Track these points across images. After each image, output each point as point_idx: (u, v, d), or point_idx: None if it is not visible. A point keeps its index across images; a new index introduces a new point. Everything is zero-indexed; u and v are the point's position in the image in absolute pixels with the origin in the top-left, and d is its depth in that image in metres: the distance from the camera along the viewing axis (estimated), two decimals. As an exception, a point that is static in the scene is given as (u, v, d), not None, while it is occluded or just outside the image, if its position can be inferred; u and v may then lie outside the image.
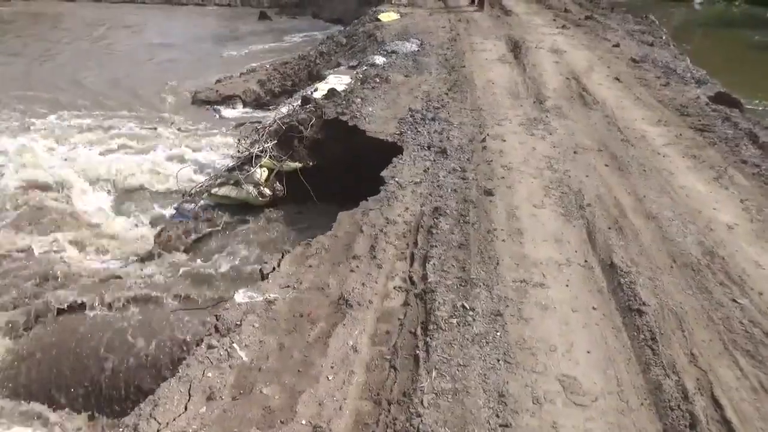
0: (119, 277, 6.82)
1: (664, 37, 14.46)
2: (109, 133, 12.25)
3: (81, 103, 14.32)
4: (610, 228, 5.37)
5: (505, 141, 7.34)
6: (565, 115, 8.35)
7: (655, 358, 3.79)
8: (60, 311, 6.21)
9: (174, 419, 3.26)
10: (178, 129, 12.59)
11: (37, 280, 7.04)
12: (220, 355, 3.75)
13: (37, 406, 5.34)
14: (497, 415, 3.34)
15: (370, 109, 8.20)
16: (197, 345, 3.92)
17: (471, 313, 4.16)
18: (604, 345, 3.93)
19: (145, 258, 7.23)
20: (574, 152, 7.05)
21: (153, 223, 8.59)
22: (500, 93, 9.24)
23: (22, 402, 5.42)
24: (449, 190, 5.99)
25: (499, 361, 3.75)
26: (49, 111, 13.56)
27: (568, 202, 5.84)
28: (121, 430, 3.25)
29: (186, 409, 3.34)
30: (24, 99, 14.32)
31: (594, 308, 4.31)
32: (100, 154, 11.09)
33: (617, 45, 12.44)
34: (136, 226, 8.73)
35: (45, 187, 9.67)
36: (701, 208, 5.78)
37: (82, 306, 6.20)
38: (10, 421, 5.30)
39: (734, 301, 4.39)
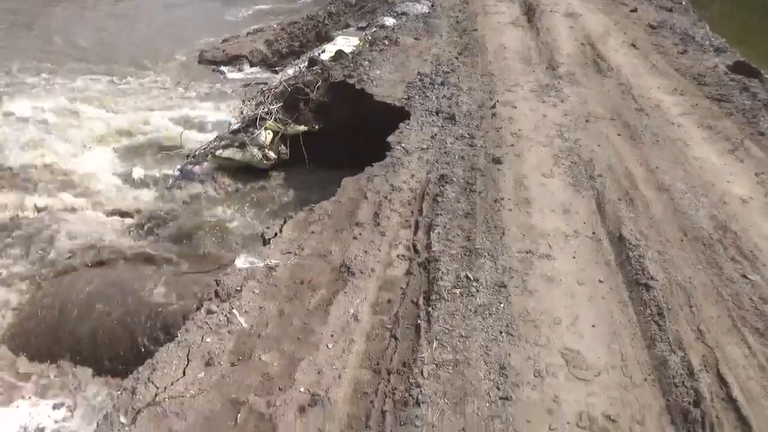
0: (121, 237, 6.79)
1: (683, 3, 13.97)
2: (113, 92, 12.09)
3: (85, 63, 14.09)
4: (620, 199, 5.25)
5: (515, 108, 7.15)
6: (578, 82, 8.11)
7: (661, 333, 3.72)
8: (60, 272, 6.20)
9: (172, 384, 3.24)
10: (184, 89, 12.41)
11: (41, 240, 7.03)
12: (220, 320, 3.71)
13: (44, 364, 5.38)
14: (498, 388, 3.30)
15: (378, 72, 8.00)
16: (196, 310, 3.88)
17: (475, 283, 4.09)
18: (609, 319, 3.86)
19: (148, 219, 7.17)
20: (586, 120, 6.86)
21: (157, 183, 8.50)
22: (512, 58, 8.97)
23: (30, 357, 5.45)
24: (456, 157, 5.86)
25: (501, 333, 3.69)
26: (51, 71, 13.34)
27: (578, 172, 5.70)
28: (119, 392, 3.23)
29: (184, 373, 3.32)
30: (31, 59, 14.06)
31: (600, 281, 4.22)
32: (106, 112, 10.95)
33: (635, 10, 12.04)
34: (141, 185, 8.65)
35: (49, 146, 9.56)
36: (715, 181, 5.62)
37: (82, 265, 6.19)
38: (20, 377, 5.35)
39: (745, 277, 4.29)
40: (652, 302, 3.97)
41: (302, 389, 3.26)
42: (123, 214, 7.87)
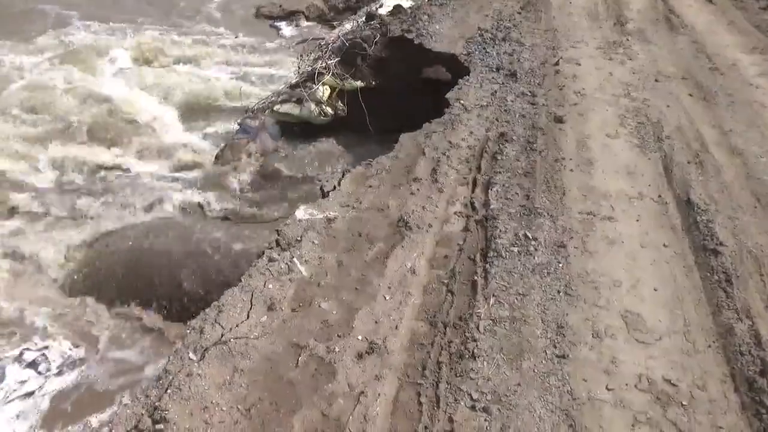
0: (186, 190, 7.02)
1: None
2: (172, 48, 12.28)
3: (145, 16, 14.31)
4: (689, 162, 5.03)
5: (579, 65, 6.88)
6: (648, 39, 7.71)
7: (728, 300, 3.60)
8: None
9: (237, 325, 3.38)
10: (242, 44, 12.50)
11: (112, 193, 7.37)
12: (281, 268, 3.81)
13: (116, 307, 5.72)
14: (555, 346, 3.29)
15: (437, 27, 7.81)
16: (259, 257, 4.00)
17: (533, 242, 4.05)
18: (672, 283, 3.76)
19: (209, 172, 7.37)
20: (656, 80, 6.55)
21: (217, 138, 8.70)
22: (577, 13, 8.59)
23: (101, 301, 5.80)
24: (517, 116, 5.72)
25: (559, 292, 3.66)
26: (108, 23, 13.59)
27: (645, 133, 5.48)
28: (188, 331, 3.39)
29: (248, 316, 3.45)
30: (87, 13, 14.37)
31: (665, 245, 4.10)
32: (165, 68, 11.18)
33: (714, -38, 11.22)
34: (202, 139, 8.87)
35: (110, 101, 9.86)
36: (794, 146, 5.30)
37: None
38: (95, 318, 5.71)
39: (822, 246, 4.07)
40: (720, 269, 3.83)
41: (360, 337, 3.34)
42: (187, 168, 8.12)
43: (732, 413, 2.97)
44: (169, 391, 2.96)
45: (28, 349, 5.34)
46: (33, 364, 5.21)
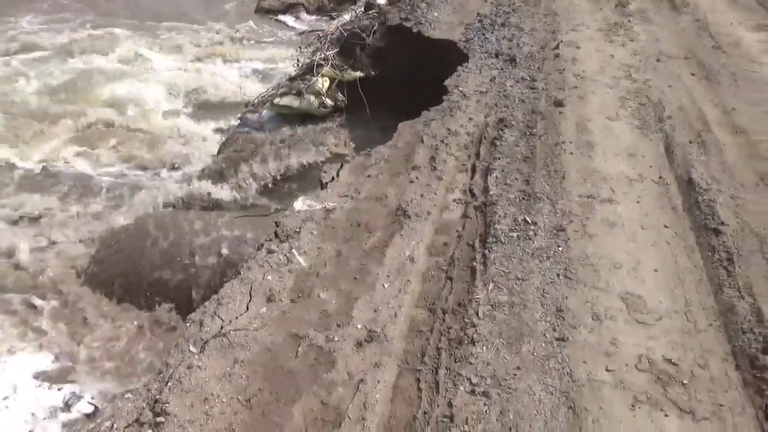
0: (185, 185, 7.06)
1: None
2: (173, 43, 12.31)
3: (144, 13, 14.34)
4: (691, 142, 4.98)
5: (579, 48, 6.82)
6: (650, 19, 7.63)
7: (729, 279, 3.57)
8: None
9: (236, 317, 3.40)
10: (241, 38, 12.50)
11: (115, 188, 7.44)
12: (280, 259, 3.82)
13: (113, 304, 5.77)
14: (554, 329, 3.28)
15: (436, 14, 7.76)
16: (258, 249, 4.01)
17: (533, 227, 4.03)
18: (673, 264, 3.73)
19: (210, 167, 7.40)
20: (657, 60, 6.48)
21: (218, 132, 8.72)
22: (578, -5, 8.50)
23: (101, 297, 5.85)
24: (516, 101, 5.68)
25: (559, 276, 3.64)
26: (108, 22, 13.64)
27: (646, 114, 5.43)
28: (188, 324, 3.42)
29: (248, 308, 3.46)
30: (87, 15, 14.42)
31: (666, 226, 4.06)
32: (166, 64, 11.21)
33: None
34: (204, 134, 8.90)
35: (115, 98, 9.92)
36: (798, 123, 5.23)
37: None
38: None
39: (826, 223, 4.02)
40: (722, 248, 3.80)
41: (359, 326, 3.35)
42: (187, 163, 8.16)
43: (733, 390, 2.95)
44: (169, 384, 2.98)
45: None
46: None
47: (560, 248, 3.85)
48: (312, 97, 7.50)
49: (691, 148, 4.89)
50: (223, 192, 6.76)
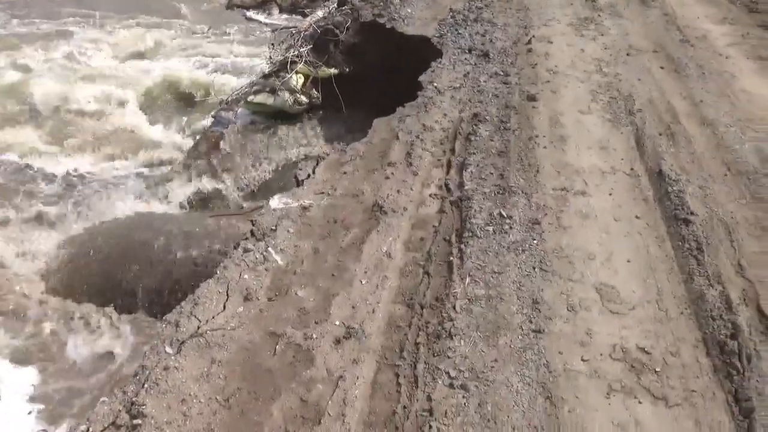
0: (159, 186, 6.96)
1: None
2: (144, 39, 12.10)
3: (114, 11, 14.05)
4: (660, 134, 5.07)
5: (551, 43, 6.89)
6: (620, 13, 7.75)
7: (699, 268, 3.65)
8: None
9: (213, 317, 3.37)
10: (213, 35, 12.35)
11: (86, 191, 7.28)
12: (256, 258, 3.80)
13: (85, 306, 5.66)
14: (530, 321, 3.32)
15: (409, 10, 7.76)
16: (234, 248, 3.98)
17: (508, 221, 4.07)
18: (645, 254, 3.81)
19: (182, 165, 7.30)
20: (627, 54, 6.58)
21: (191, 131, 8.61)
22: (549, -10, 8.58)
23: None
24: (490, 96, 5.72)
25: (534, 268, 3.69)
26: (76, 17, 13.33)
27: (617, 108, 5.51)
28: (163, 326, 3.38)
29: (224, 308, 3.44)
30: (60, 9, 14.09)
31: (637, 217, 4.14)
32: (137, 62, 11.02)
33: (683, -66, 11.25)
34: (177, 133, 8.78)
35: (81, 97, 9.70)
36: (764, 114, 5.36)
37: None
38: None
39: (791, 211, 4.14)
40: (691, 237, 3.89)
41: (337, 323, 3.35)
42: (161, 163, 8.04)
43: (704, 376, 3.02)
44: (146, 385, 2.95)
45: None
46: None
47: (535, 241, 3.90)
48: (286, 95, 7.45)
49: (661, 140, 4.99)
50: (195, 191, 6.68)
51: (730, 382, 2.98)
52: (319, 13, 9.37)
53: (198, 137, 8.00)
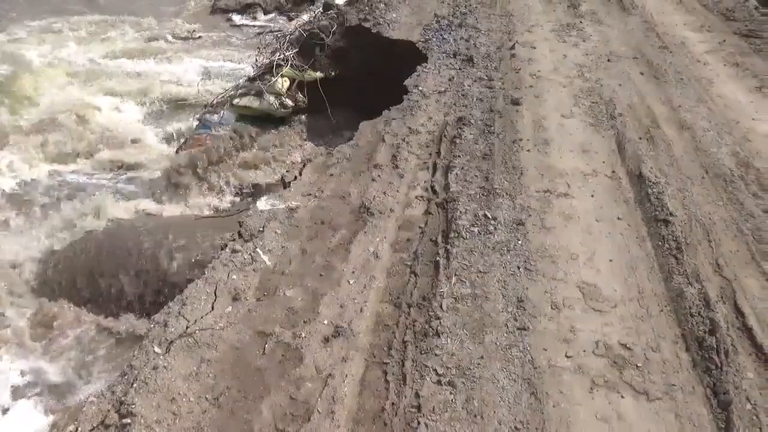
0: (144, 189, 6.93)
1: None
2: (128, 43, 12.04)
3: (99, 14, 13.98)
4: (641, 138, 5.19)
5: (534, 48, 7.01)
6: (601, 20, 7.91)
7: (678, 267, 3.75)
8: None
9: (201, 317, 3.38)
10: (198, 38, 12.33)
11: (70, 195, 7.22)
12: (244, 259, 3.82)
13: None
14: (515, 319, 3.39)
15: (395, 15, 7.85)
16: (222, 249, 4.00)
17: (493, 222, 4.14)
18: (627, 254, 3.90)
19: (170, 170, 7.28)
20: (608, 60, 6.72)
21: (177, 134, 8.58)
22: (532, -3, 8.73)
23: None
24: (474, 100, 5.81)
25: (519, 268, 3.76)
26: (57, 19, 13.21)
27: (599, 112, 5.63)
28: (152, 326, 3.38)
29: (213, 308, 3.45)
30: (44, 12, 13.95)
31: (619, 218, 4.24)
32: (123, 63, 10.96)
33: (662, -56, 11.50)
34: (164, 139, 8.74)
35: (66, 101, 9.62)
36: (739, 118, 5.52)
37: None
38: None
39: (766, 212, 4.26)
40: (671, 237, 3.99)
41: (326, 322, 3.38)
42: (146, 167, 8.00)
43: (684, 371, 3.11)
44: (134, 385, 2.95)
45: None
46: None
47: (520, 241, 3.97)
48: (272, 98, 7.47)
49: (641, 144, 5.11)
50: (181, 194, 6.66)
51: (708, 377, 3.07)
52: (305, 17, 9.43)
53: (183, 140, 7.98)
